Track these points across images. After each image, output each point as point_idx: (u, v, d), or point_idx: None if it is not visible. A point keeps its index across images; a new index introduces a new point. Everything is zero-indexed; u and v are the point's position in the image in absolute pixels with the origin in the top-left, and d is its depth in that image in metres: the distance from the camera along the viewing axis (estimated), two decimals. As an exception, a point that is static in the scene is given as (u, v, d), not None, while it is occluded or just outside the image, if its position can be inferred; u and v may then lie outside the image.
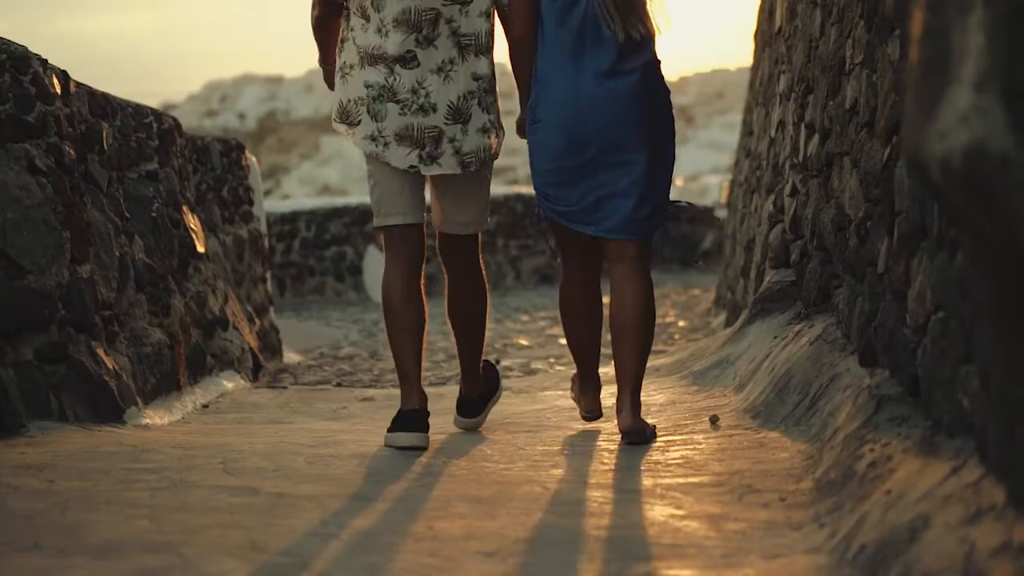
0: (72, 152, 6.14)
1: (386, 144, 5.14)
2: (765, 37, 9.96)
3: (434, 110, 5.12)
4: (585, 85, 5.05)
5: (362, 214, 18.68)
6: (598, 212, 5.11)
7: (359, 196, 22.76)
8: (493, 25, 5.24)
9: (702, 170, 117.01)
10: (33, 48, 5.94)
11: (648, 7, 5.10)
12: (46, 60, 6.01)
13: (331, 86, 5.42)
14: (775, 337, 6.04)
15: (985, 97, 2.12)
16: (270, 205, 17.09)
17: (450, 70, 5.14)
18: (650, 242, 5.27)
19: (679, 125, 5.79)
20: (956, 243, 3.21)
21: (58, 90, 6.07)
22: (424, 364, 5.40)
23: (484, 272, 5.64)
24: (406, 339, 5.23)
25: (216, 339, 8.04)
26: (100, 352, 5.97)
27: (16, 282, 5.53)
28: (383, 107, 5.12)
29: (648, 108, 5.11)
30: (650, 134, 5.12)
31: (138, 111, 7.49)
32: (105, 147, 6.68)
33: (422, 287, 5.30)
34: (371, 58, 5.13)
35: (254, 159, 10.98)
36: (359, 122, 5.18)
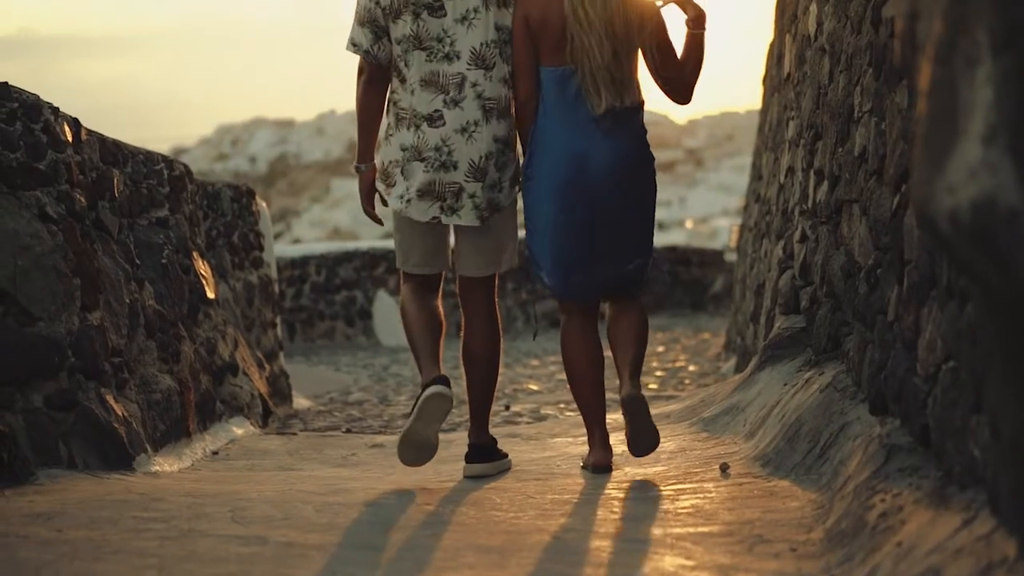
0: (83, 199, 6.16)
1: (409, 201, 5.50)
2: (774, 83, 9.98)
3: (455, 167, 5.45)
4: (577, 149, 5.40)
5: (372, 258, 18.69)
6: (585, 275, 5.51)
7: (369, 240, 22.80)
8: (511, 90, 5.55)
9: (712, 212, 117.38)
10: (43, 91, 5.97)
11: (633, 77, 5.44)
12: (57, 108, 6.04)
13: (367, 206, 5.78)
14: (785, 384, 6.03)
15: (993, 151, 2.12)
16: (280, 250, 17.13)
17: (474, 131, 5.45)
18: (639, 288, 5.68)
19: (689, 168, 6.68)
20: (966, 293, 3.21)
21: (69, 138, 6.10)
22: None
23: (499, 316, 5.84)
24: (425, 336, 5.61)
25: (226, 385, 8.04)
26: (110, 399, 5.97)
27: (26, 329, 5.54)
28: (411, 166, 5.48)
29: (635, 172, 5.49)
30: (637, 196, 5.51)
31: (149, 158, 7.52)
32: (116, 194, 6.70)
33: (439, 303, 5.75)
34: (406, 120, 5.50)
35: (264, 205, 11.01)
36: (394, 183, 5.55)
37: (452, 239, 5.76)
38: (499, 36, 5.46)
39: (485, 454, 5.79)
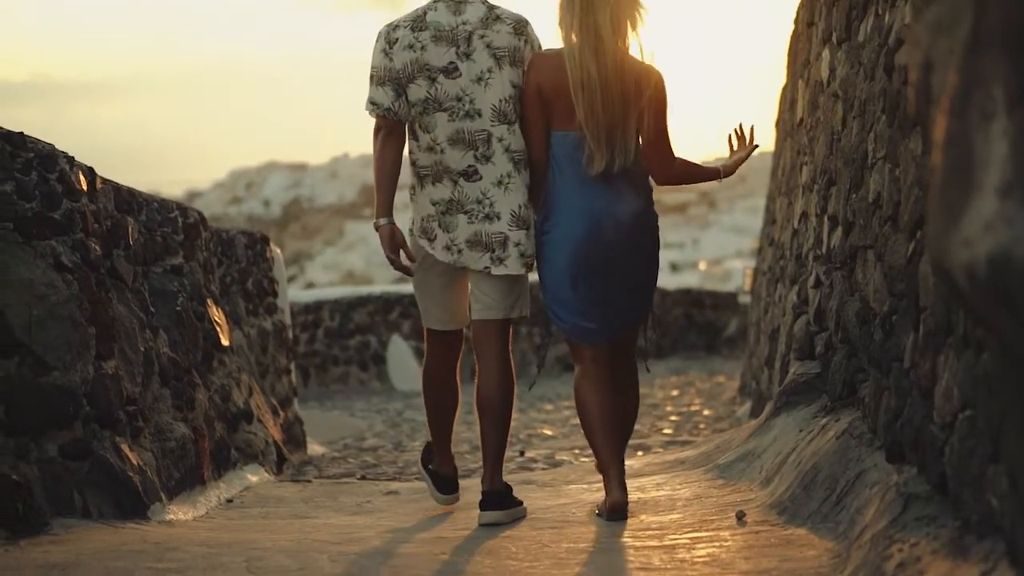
0: (98, 248, 6.17)
1: (460, 251, 5.79)
2: (787, 127, 9.99)
3: (499, 218, 5.77)
4: (589, 209, 5.72)
5: (386, 303, 18.69)
6: (599, 322, 5.80)
7: (383, 284, 22.80)
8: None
9: (725, 254, 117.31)
10: (57, 135, 6.00)
11: (634, 139, 5.72)
12: (72, 157, 6.06)
13: (392, 255, 5.83)
14: (801, 430, 6.01)
15: (1009, 205, 2.12)
16: (294, 295, 17.13)
17: (508, 183, 5.77)
18: (636, 339, 6.18)
19: (702, 209, 7.35)
20: (982, 342, 3.20)
21: (84, 187, 6.12)
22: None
23: (512, 363, 6.00)
24: (442, 418, 6.16)
25: (240, 432, 8.04)
26: (124, 448, 5.97)
27: (41, 379, 5.55)
28: (454, 219, 5.78)
29: (642, 230, 5.82)
30: (643, 253, 5.86)
31: (163, 206, 7.54)
32: (131, 242, 6.72)
33: (458, 373, 6.17)
34: (435, 176, 5.80)
35: (278, 251, 11.02)
36: (435, 236, 5.82)
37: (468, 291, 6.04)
38: (515, 92, 5.74)
39: (500, 501, 5.80)
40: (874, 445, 4.85)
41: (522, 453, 9.07)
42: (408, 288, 18.64)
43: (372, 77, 5.80)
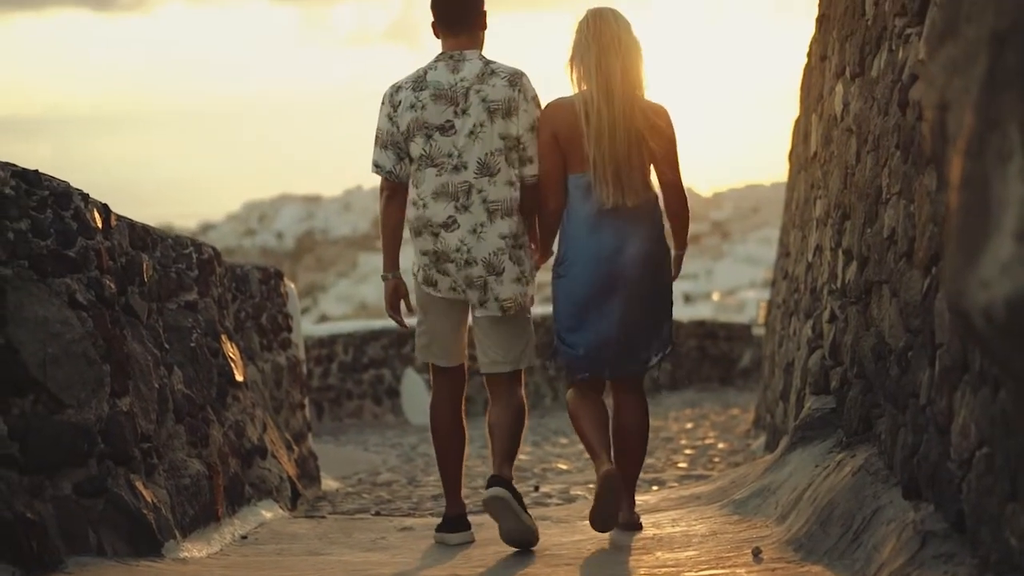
0: (112, 285, 6.18)
1: (463, 291, 6.12)
2: (800, 160, 9.98)
3: (476, 263, 6.05)
4: (604, 248, 6.04)
5: (399, 336, 18.68)
6: (609, 355, 6.12)
7: (396, 317, 22.78)
8: (518, 191, 6.12)
9: (739, 285, 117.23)
10: (70, 169, 6.07)
11: (642, 177, 6.08)
12: (87, 195, 6.07)
13: (392, 311, 6.42)
14: (817, 466, 5.99)
15: (1027, 247, 2.11)
16: (307, 329, 17.14)
17: (481, 232, 6.05)
18: (644, 374, 6.40)
19: (715, 240, 7.98)
20: (999, 380, 3.19)
21: (99, 224, 6.13)
22: (464, 491, 6.51)
23: (524, 402, 6.36)
24: (451, 459, 6.36)
25: (254, 468, 8.03)
26: (139, 485, 5.97)
27: (56, 417, 5.54)
28: (446, 267, 6.09)
29: (654, 267, 6.14)
30: (655, 288, 6.16)
31: (178, 242, 7.55)
32: (145, 279, 6.73)
33: (463, 414, 6.39)
34: (417, 230, 6.12)
35: (292, 285, 11.03)
36: (436, 282, 6.15)
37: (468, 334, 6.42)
38: (504, 144, 6.04)
39: (504, 484, 5.98)
40: (890, 481, 4.83)
41: (537, 488, 9.04)
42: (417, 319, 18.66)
43: (376, 139, 6.19)
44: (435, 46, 6.23)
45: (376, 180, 6.28)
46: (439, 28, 6.19)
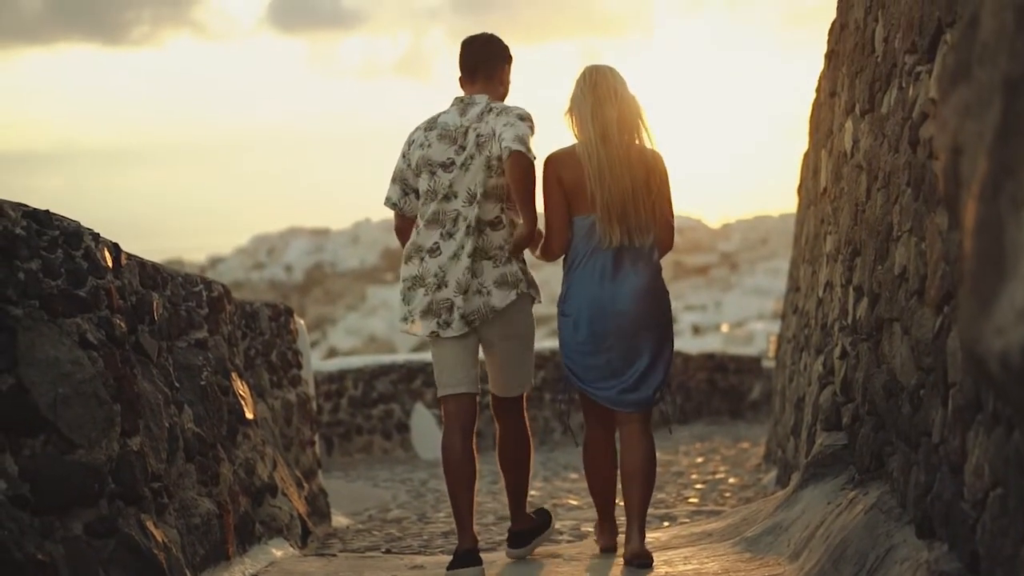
0: (123, 324, 6.18)
1: (413, 321, 6.62)
2: (810, 195, 9.98)
3: (447, 286, 6.51)
4: (605, 287, 6.43)
5: (409, 371, 18.66)
6: (615, 390, 6.48)
7: (406, 350, 22.75)
8: (499, 212, 6.56)
9: (748, 316, 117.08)
10: (82, 202, 6.14)
11: (646, 219, 6.45)
12: (98, 234, 6.08)
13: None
14: (829, 503, 5.97)
15: (1042, 293, 2.10)
16: (317, 364, 17.10)
17: (459, 252, 6.48)
18: (651, 410, 6.63)
19: (723, 271, 8.81)
20: (1012, 420, 3.18)
21: (109, 263, 6.13)
22: (476, 527, 6.66)
23: (527, 425, 6.91)
24: (461, 491, 6.55)
25: (265, 506, 8.01)
26: (149, 525, 5.95)
27: (67, 457, 5.53)
28: (413, 293, 6.60)
29: (653, 306, 6.50)
30: (655, 327, 6.50)
31: (188, 280, 7.55)
32: (155, 317, 6.73)
33: (474, 446, 6.62)
34: (408, 256, 6.63)
35: (302, 322, 11.03)
36: (409, 313, 6.66)
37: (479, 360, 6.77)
38: (487, 172, 6.48)
39: (523, 539, 6.94)
40: (903, 520, 4.81)
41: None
42: (430, 356, 18.67)
43: (392, 175, 6.77)
44: (444, 79, 6.65)
45: (385, 212, 6.72)
46: (461, 76, 6.79)
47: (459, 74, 6.80)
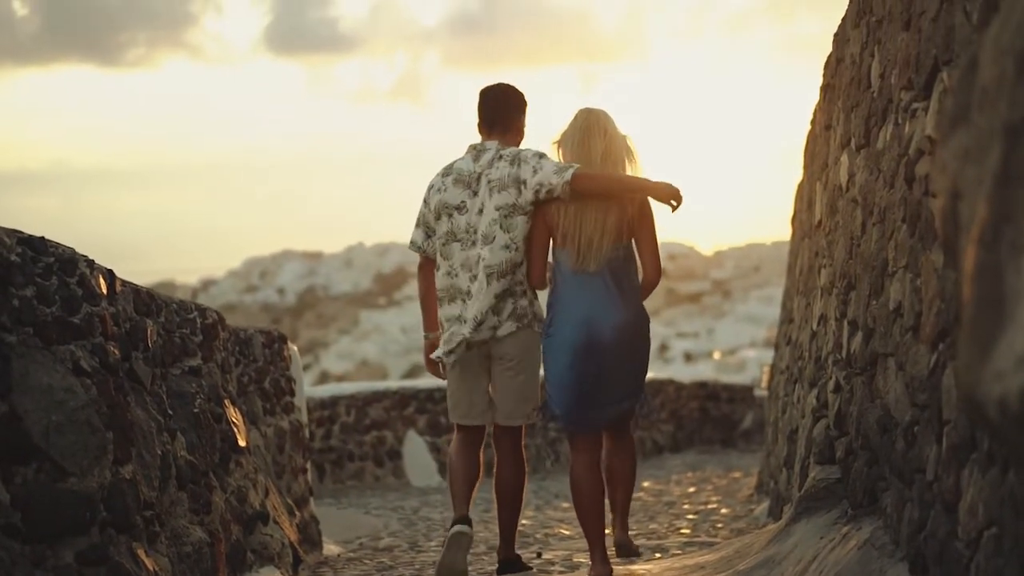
0: (117, 352, 6.17)
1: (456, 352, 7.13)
2: (804, 227, 10.00)
3: (464, 322, 7.07)
4: (587, 314, 6.87)
5: (402, 398, 18.63)
6: (594, 410, 6.95)
7: (397, 373, 22.72)
8: (513, 252, 7.08)
9: (740, 344, 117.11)
10: (75, 223, 6.12)
11: (622, 251, 6.92)
12: (93, 261, 6.08)
13: (429, 366, 7.55)
14: (822, 538, 5.96)
15: (1042, 340, 2.10)
16: (310, 390, 17.06)
17: (478, 293, 7.05)
18: (628, 424, 7.41)
19: (716, 299, 9.78)
20: (1008, 460, 3.18)
21: (104, 290, 6.13)
22: (468, 559, 7.10)
23: (524, 456, 7.41)
24: (462, 485, 7.24)
25: (256, 534, 7.99)
26: (140, 553, 5.93)
27: (59, 485, 5.52)
28: (454, 328, 7.15)
29: (633, 330, 6.95)
30: (633, 349, 6.97)
31: (182, 307, 7.55)
32: (149, 344, 6.72)
33: (480, 456, 7.36)
34: (450, 296, 7.17)
35: (295, 348, 11.02)
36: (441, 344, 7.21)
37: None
38: (498, 215, 7.03)
39: (513, 567, 7.48)
40: (896, 556, 4.80)
41: (539, 555, 8.99)
42: (423, 383, 18.83)
43: (416, 220, 7.37)
44: (438, 104, 6.98)
45: (379, 237, 7.18)
46: (479, 125, 7.37)
47: (477, 119, 7.37)
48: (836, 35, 7.79)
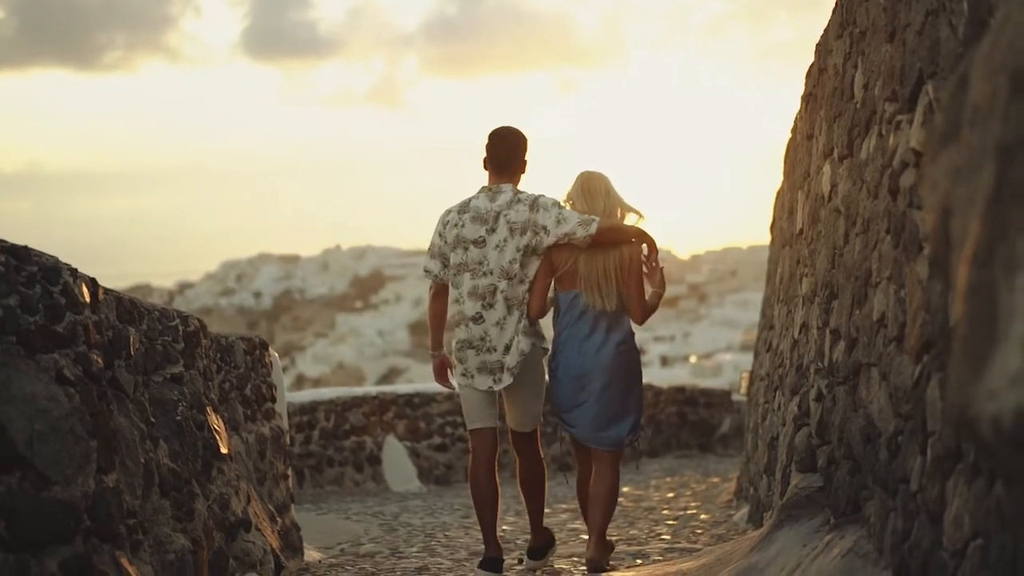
0: (99, 360, 6.16)
1: (472, 376, 8.19)
2: (785, 235, 10.01)
3: (495, 350, 8.12)
4: (585, 346, 8.06)
5: (382, 403, 18.62)
6: (593, 431, 8.10)
7: (373, 376, 22.64)
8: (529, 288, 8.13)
9: (716, 348, 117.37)
10: (51, 226, 6.11)
11: (618, 293, 8.07)
12: (76, 269, 6.06)
13: (440, 380, 8.62)
14: (804, 545, 5.98)
15: (1034, 359, 2.12)
16: (289, 396, 17.02)
17: (503, 323, 8.08)
18: (621, 449, 8.22)
19: (692, 303, 10.63)
20: (993, 471, 3.19)
21: (87, 298, 6.12)
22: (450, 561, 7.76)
23: (541, 454, 8.57)
24: (487, 509, 8.18)
25: (238, 541, 7.98)
26: (124, 561, 5.92)
27: (42, 494, 5.51)
28: (466, 353, 8.17)
29: (626, 363, 8.13)
30: (627, 380, 8.13)
31: (164, 315, 7.53)
32: (132, 352, 6.71)
33: (496, 472, 8.26)
34: (456, 321, 8.14)
35: (276, 355, 10.99)
36: (464, 359, 8.20)
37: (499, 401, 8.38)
38: (519, 255, 8.01)
39: (541, 553, 8.73)
40: (880, 565, 4.82)
41: (520, 560, 8.99)
42: (402, 389, 18.88)
43: (429, 250, 8.36)
44: (413, 108, 7.19)
45: (356, 240, 7.79)
46: (488, 166, 8.28)
47: (486, 158, 8.27)
48: (818, 45, 7.80)
